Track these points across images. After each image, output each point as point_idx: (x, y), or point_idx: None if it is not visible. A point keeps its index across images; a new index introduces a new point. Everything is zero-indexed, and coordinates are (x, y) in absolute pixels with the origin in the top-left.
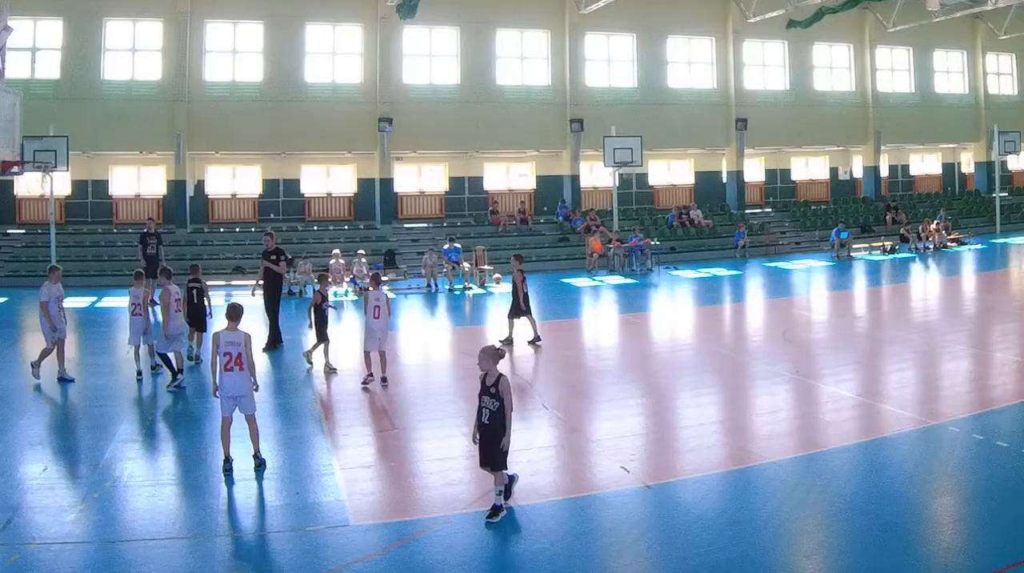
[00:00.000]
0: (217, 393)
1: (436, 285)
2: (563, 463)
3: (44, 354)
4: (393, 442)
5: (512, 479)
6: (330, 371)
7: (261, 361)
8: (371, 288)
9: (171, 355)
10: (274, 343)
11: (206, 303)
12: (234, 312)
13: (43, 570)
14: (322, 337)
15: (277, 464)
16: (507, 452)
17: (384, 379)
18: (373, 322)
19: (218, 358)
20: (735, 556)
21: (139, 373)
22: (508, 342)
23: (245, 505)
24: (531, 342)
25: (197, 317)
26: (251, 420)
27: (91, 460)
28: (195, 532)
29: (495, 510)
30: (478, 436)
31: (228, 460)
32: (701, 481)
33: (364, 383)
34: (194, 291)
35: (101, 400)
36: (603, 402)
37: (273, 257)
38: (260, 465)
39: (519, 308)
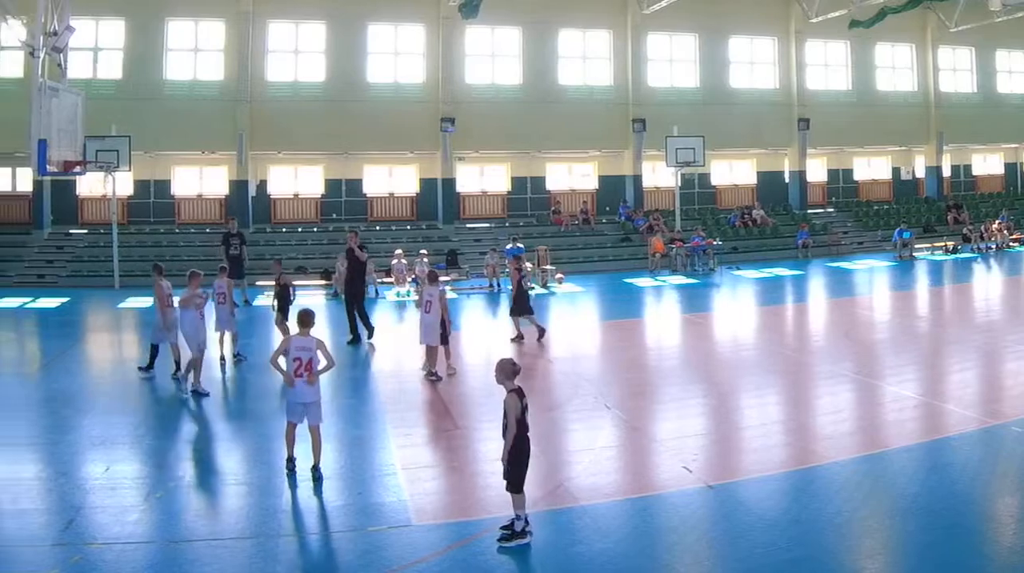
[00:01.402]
0: (291, 394)
1: (498, 285)
2: (625, 463)
3: (193, 366)
4: (455, 442)
5: (518, 520)
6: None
7: (345, 355)
8: (427, 284)
9: (167, 347)
10: (358, 338)
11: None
12: (306, 318)
13: (105, 570)
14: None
15: (339, 464)
16: (515, 477)
17: (431, 373)
18: (425, 316)
19: (284, 360)
20: (797, 556)
21: (222, 358)
22: (519, 339)
23: (307, 505)
24: (513, 339)
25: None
26: (315, 430)
27: (153, 460)
28: (257, 532)
29: (507, 532)
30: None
31: (291, 459)
32: (763, 481)
33: (430, 376)
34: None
35: (164, 400)
36: (665, 402)
37: (359, 247)
38: (318, 478)
39: (523, 306)
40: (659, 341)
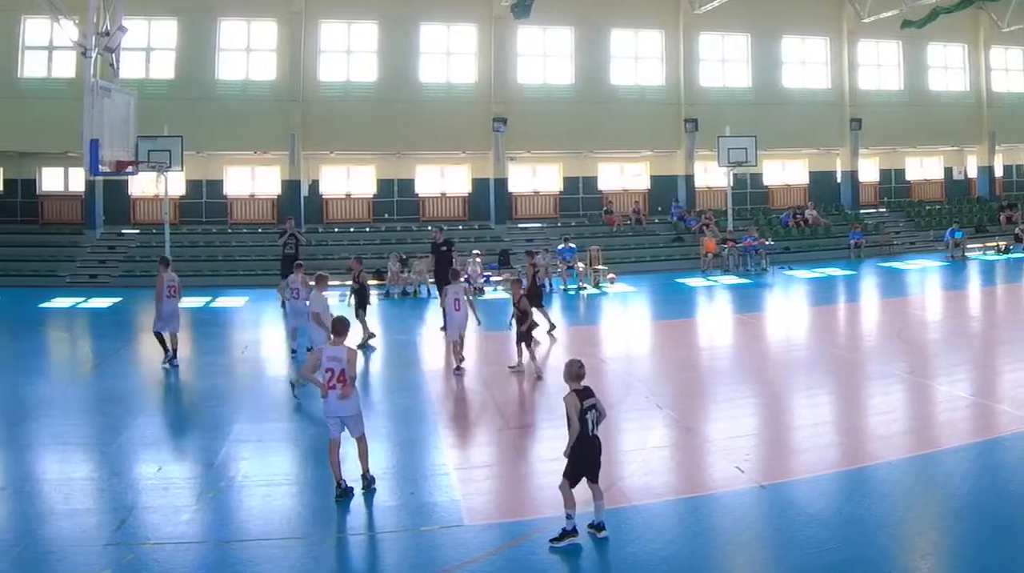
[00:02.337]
0: (325, 409)
1: (549, 285)
2: (677, 463)
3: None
4: (507, 442)
5: (568, 519)
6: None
7: (398, 355)
8: (451, 282)
9: (166, 336)
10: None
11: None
12: (340, 326)
13: (157, 570)
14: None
15: (391, 464)
16: (566, 472)
17: (459, 368)
18: (455, 313)
19: (317, 372)
20: (850, 556)
21: (293, 352)
22: (552, 328)
23: (359, 505)
24: (549, 332)
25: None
26: (360, 441)
27: (206, 460)
28: (309, 532)
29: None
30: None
31: (339, 485)
32: (816, 481)
33: (456, 370)
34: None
35: (216, 400)
36: (717, 402)
37: (443, 248)
38: (369, 485)
39: (536, 301)
40: (711, 341)
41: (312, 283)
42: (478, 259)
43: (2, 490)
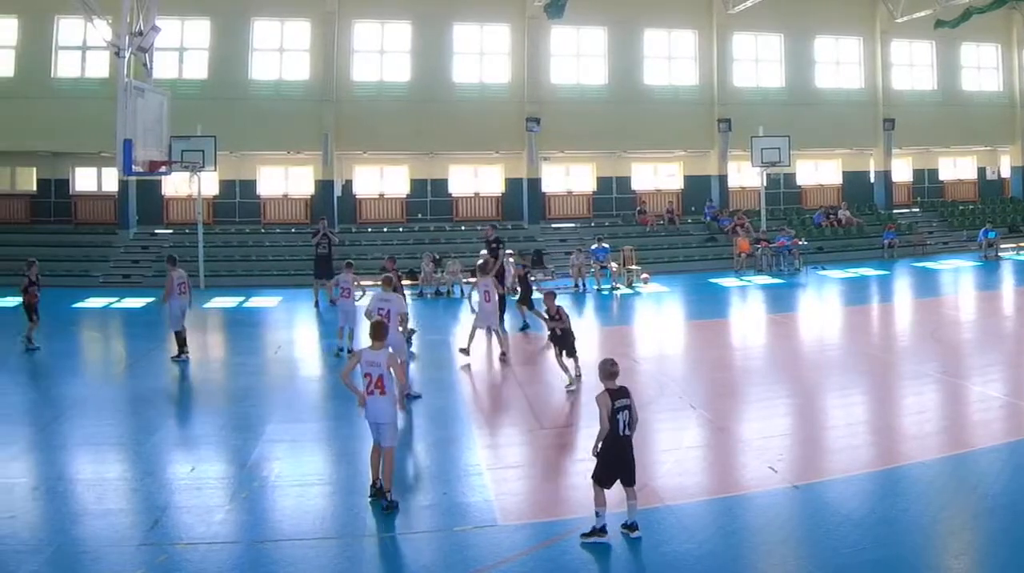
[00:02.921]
0: (363, 413)
1: (584, 285)
2: (710, 463)
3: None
4: (540, 442)
5: (597, 517)
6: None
7: (432, 355)
8: (480, 275)
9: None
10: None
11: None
12: (377, 330)
13: (190, 570)
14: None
15: (425, 464)
16: (596, 471)
17: (504, 354)
18: (485, 305)
19: (355, 376)
20: (883, 556)
21: (339, 350)
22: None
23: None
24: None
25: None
26: (387, 454)
27: (239, 460)
28: (342, 532)
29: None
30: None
31: (375, 485)
32: (849, 481)
33: (463, 350)
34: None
35: (249, 400)
36: (750, 402)
37: (494, 245)
38: (389, 506)
39: (526, 299)
40: (744, 341)
41: (379, 283)
42: (511, 259)
43: (36, 490)
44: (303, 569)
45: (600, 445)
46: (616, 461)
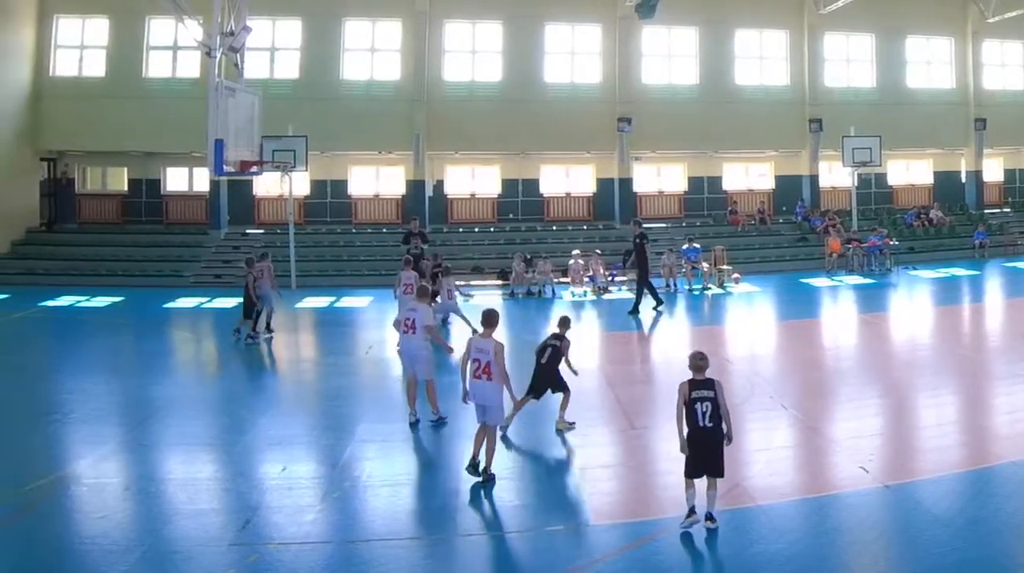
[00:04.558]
0: (467, 399)
1: (675, 285)
2: (801, 463)
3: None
4: (632, 442)
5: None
6: None
7: (526, 355)
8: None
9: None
10: (635, 309)
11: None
12: (489, 318)
13: (282, 570)
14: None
15: (517, 464)
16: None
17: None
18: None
19: (468, 364)
20: (974, 556)
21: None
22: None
23: (484, 505)
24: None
25: None
26: (490, 430)
27: (330, 460)
28: (434, 532)
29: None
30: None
31: (474, 460)
32: (940, 481)
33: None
34: None
35: (341, 400)
36: (841, 402)
37: (638, 241)
38: (487, 479)
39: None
40: (835, 341)
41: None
42: (600, 259)
43: (127, 490)
44: (394, 569)
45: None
46: (695, 451)
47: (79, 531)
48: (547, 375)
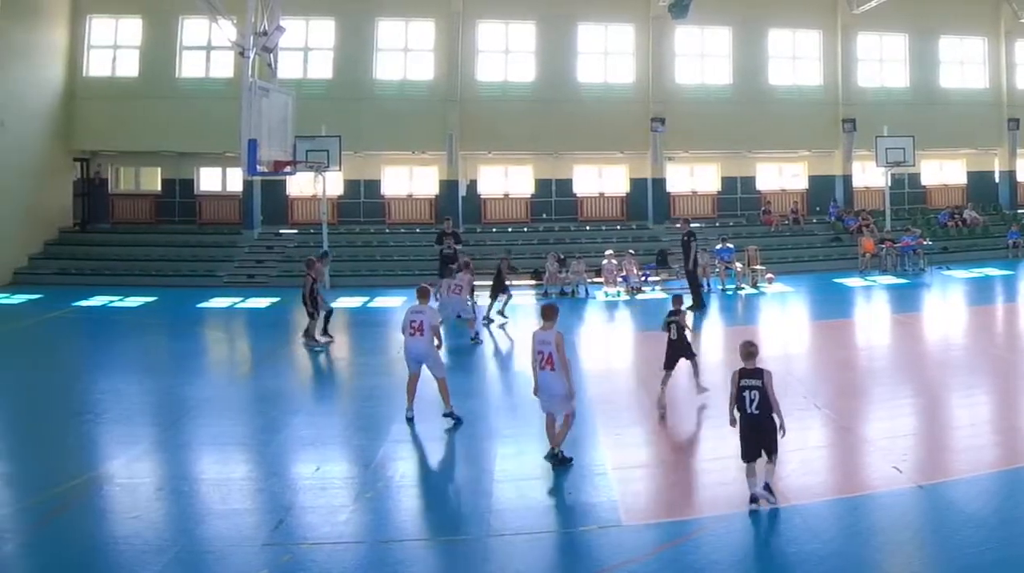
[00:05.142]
0: (536, 393)
1: (708, 285)
2: (835, 463)
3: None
4: (666, 441)
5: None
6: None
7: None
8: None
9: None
10: (699, 305)
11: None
12: (548, 311)
13: (315, 570)
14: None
15: (549, 464)
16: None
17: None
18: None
19: (534, 357)
20: (1007, 556)
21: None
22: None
23: (517, 505)
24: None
25: None
26: (565, 419)
27: (363, 460)
28: (467, 532)
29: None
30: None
31: (553, 451)
32: (974, 481)
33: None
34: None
35: (374, 400)
36: (875, 402)
37: (685, 238)
38: (562, 461)
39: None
40: (869, 341)
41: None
42: (632, 259)
43: (160, 490)
44: (426, 569)
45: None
46: (747, 436)
47: (112, 531)
48: (679, 347)
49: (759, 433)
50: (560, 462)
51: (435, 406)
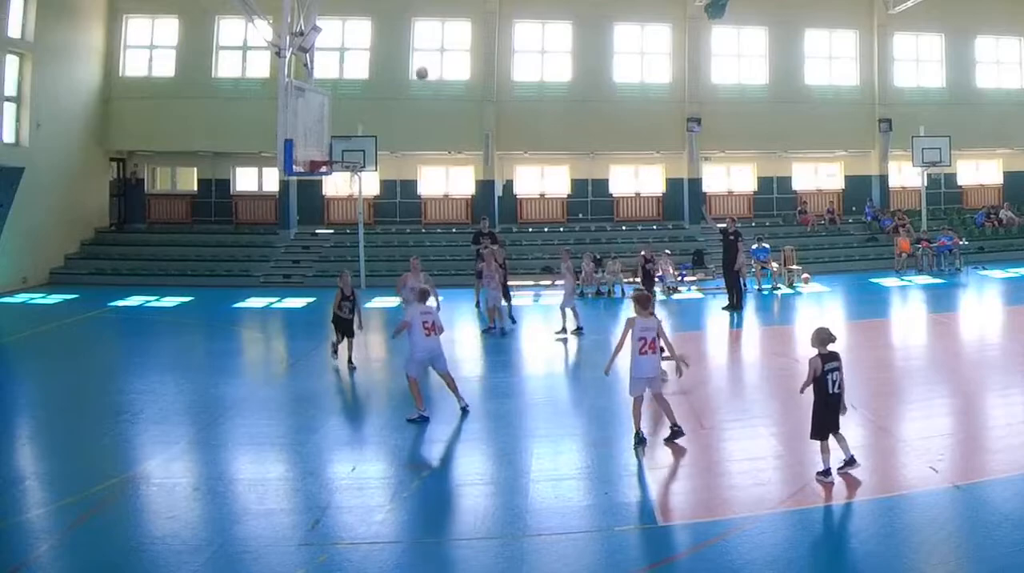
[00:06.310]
0: (608, 372)
1: (744, 284)
2: (871, 463)
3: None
4: (701, 442)
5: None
6: None
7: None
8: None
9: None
10: (736, 305)
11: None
12: (644, 300)
13: (351, 570)
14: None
15: (585, 464)
16: (812, 426)
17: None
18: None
19: (629, 343)
20: None
21: (499, 329)
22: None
23: (553, 505)
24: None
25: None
26: (659, 397)
27: (400, 460)
28: (503, 532)
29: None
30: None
31: (638, 434)
32: (1010, 481)
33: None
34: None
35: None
36: (911, 402)
37: (731, 237)
38: (679, 433)
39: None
40: (905, 341)
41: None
42: (668, 259)
43: (197, 490)
44: (463, 569)
45: (814, 405)
46: (827, 416)
47: (149, 531)
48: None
49: (836, 412)
50: (675, 436)
51: (472, 406)
